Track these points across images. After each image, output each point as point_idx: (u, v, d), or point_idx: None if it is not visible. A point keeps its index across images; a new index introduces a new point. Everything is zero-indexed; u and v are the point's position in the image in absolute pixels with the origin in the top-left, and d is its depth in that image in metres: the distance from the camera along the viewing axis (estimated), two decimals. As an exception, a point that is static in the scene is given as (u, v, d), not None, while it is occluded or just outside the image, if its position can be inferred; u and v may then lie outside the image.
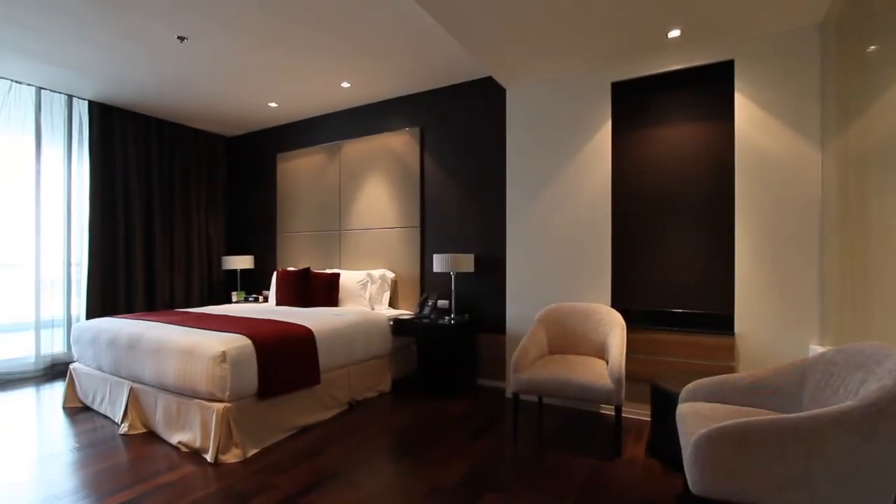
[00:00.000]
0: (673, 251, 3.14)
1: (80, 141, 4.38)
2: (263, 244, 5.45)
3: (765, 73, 2.70)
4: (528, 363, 2.67)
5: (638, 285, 3.25)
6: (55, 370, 4.16)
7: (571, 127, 3.27)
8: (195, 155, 5.34)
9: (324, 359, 2.98)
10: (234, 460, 2.34)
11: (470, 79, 3.94)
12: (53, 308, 4.22)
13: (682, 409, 1.87)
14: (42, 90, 4.11)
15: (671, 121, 3.15)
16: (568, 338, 2.98)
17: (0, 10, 2.81)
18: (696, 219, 3.07)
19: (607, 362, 2.62)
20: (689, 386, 2.00)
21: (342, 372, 3.17)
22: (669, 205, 3.16)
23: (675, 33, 2.69)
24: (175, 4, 2.78)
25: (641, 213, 3.25)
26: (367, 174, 4.50)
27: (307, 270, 4.23)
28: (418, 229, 4.17)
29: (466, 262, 3.62)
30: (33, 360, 4.07)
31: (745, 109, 2.75)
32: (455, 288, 3.90)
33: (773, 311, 2.66)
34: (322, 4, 2.77)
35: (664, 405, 2.37)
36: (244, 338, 2.56)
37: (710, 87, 3.02)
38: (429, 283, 4.15)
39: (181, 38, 3.20)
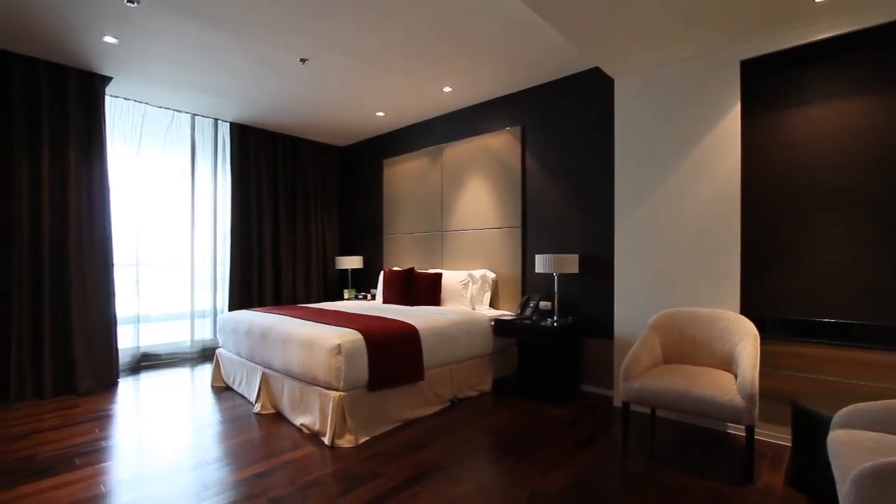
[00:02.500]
0: (825, 252, 2.67)
1: (224, 157, 5.08)
2: (371, 245, 5.81)
3: (952, 30, 2.18)
4: (639, 371, 2.49)
5: (775, 291, 2.83)
6: (205, 354, 4.87)
7: (691, 115, 2.97)
8: (312, 165, 5.88)
9: (428, 356, 3.07)
10: (347, 445, 2.53)
11: (572, 72, 3.79)
12: (204, 300, 4.95)
13: (836, 436, 1.58)
14: (195, 116, 4.84)
15: (818, 98, 2.70)
16: (686, 346, 2.71)
17: (152, 47, 3.34)
18: (858, 213, 2.57)
19: (736, 376, 2.33)
20: (846, 410, 1.69)
21: (445, 370, 3.25)
22: (821, 198, 2.69)
23: (823, -4, 2.30)
24: (298, 30, 3.09)
25: (782, 209, 2.82)
26: (469, 176, 4.55)
27: (411, 270, 4.41)
28: (519, 229, 4.11)
29: (570, 263, 3.48)
30: (189, 344, 4.80)
31: (922, 78, 2.25)
32: (558, 289, 3.78)
33: (965, 324, 2.14)
34: (426, 8, 2.86)
35: (808, 429, 2.04)
36: (357, 332, 2.75)
37: (872, 55, 2.53)
38: (530, 283, 4.07)
39: (303, 60, 3.54)
